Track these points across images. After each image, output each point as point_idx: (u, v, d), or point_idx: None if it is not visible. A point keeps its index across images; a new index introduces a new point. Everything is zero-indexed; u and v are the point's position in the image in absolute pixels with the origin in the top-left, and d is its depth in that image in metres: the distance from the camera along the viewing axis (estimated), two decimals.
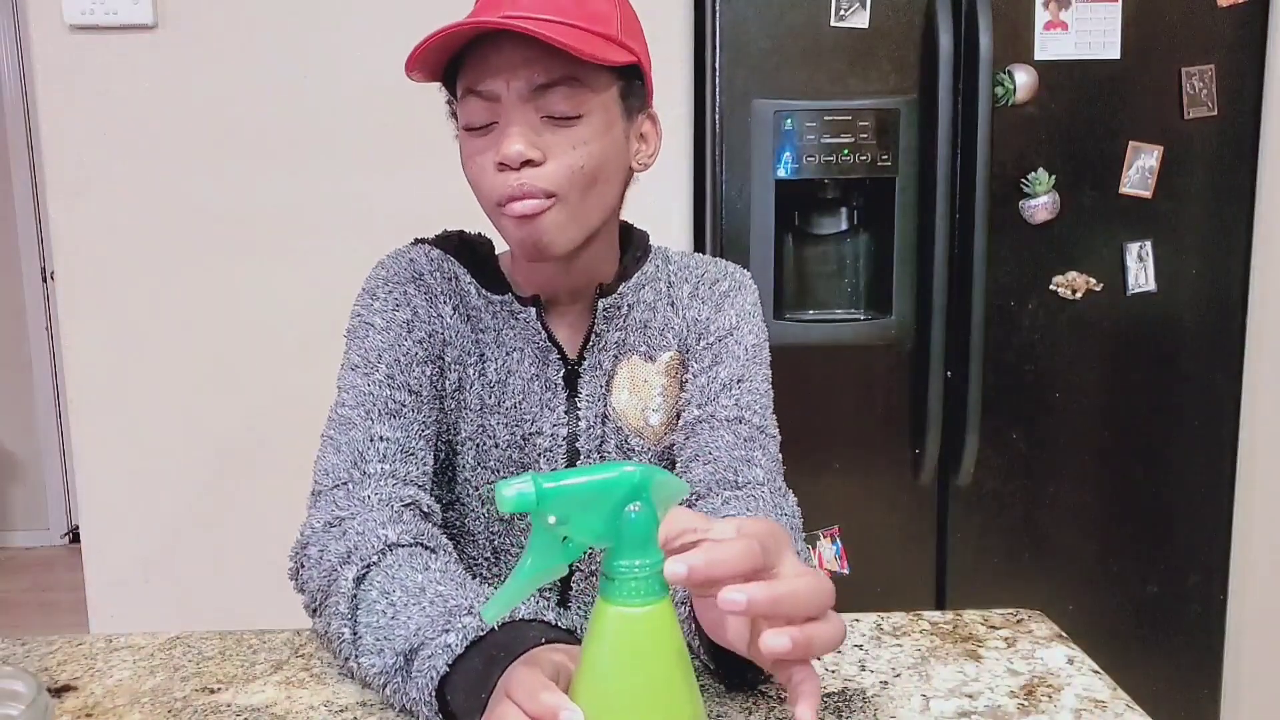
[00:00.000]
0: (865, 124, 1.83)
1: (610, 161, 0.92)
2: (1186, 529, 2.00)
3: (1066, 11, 1.83)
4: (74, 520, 3.98)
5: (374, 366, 0.95)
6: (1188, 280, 1.93)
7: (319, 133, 1.92)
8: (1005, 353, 1.91)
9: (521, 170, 0.87)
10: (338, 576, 0.81)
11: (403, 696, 0.74)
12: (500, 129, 0.88)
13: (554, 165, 0.88)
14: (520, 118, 0.88)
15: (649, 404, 1.00)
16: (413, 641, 0.73)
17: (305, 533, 0.88)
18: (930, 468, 1.91)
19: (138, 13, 1.85)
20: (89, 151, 1.90)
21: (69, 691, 0.81)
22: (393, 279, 0.99)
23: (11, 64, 3.85)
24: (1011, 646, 0.87)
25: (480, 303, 1.00)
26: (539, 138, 0.88)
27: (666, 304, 1.03)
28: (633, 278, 1.01)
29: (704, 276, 1.04)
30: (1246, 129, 1.91)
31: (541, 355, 0.99)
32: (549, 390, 0.99)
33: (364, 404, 0.93)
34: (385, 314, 0.97)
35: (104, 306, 1.93)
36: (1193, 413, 1.97)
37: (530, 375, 0.99)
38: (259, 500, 1.97)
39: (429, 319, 0.98)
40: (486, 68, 0.88)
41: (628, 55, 0.91)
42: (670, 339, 1.02)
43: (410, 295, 0.98)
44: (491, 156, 0.89)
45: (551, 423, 0.99)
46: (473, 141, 0.91)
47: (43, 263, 3.91)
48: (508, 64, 0.87)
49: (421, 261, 1.00)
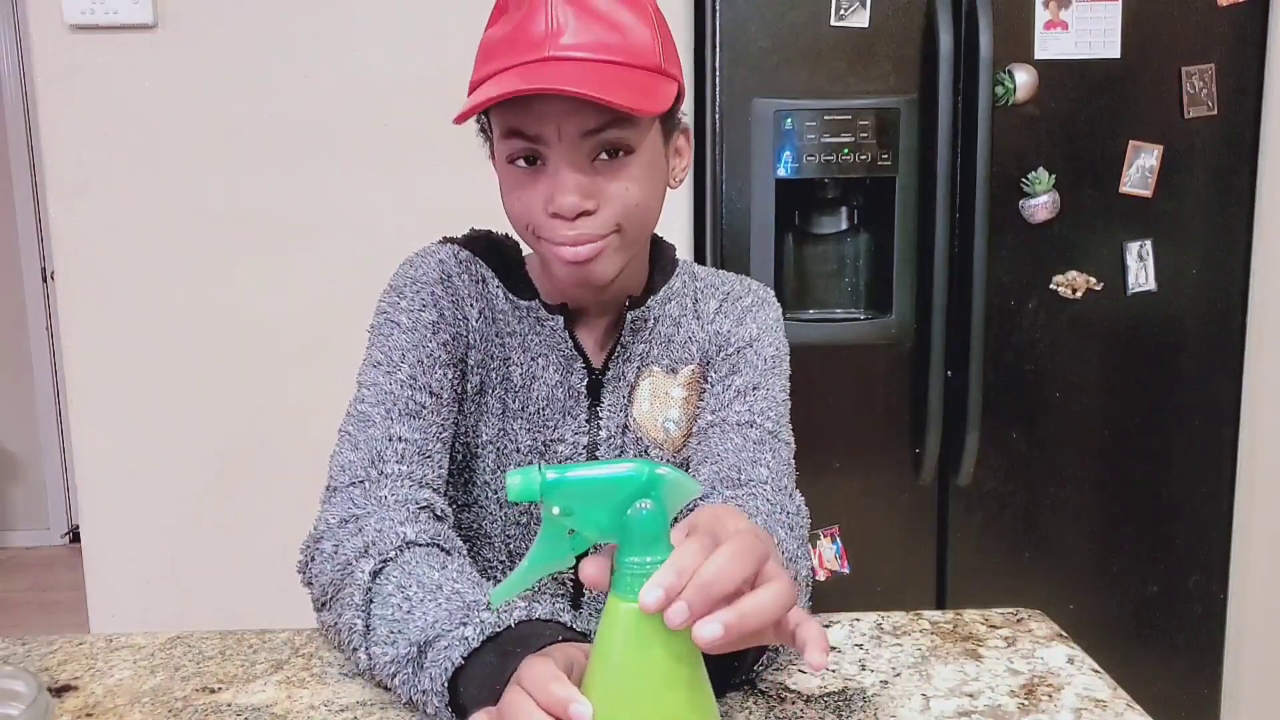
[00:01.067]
0: (865, 124, 1.83)
1: (656, 188, 0.93)
2: (1186, 529, 2.00)
3: (1066, 11, 1.83)
4: (74, 520, 3.97)
5: (396, 366, 0.94)
6: (1188, 280, 1.93)
7: (319, 133, 1.92)
8: (1005, 353, 1.91)
9: (577, 220, 0.87)
10: (353, 570, 0.81)
11: (412, 687, 0.73)
12: (551, 174, 0.87)
13: (608, 210, 0.88)
14: (571, 164, 0.86)
15: (668, 415, 1.01)
16: (428, 633, 0.73)
17: (319, 527, 0.88)
18: (930, 468, 1.91)
19: (138, 13, 1.85)
20: (89, 151, 1.90)
21: (69, 691, 0.81)
22: (421, 279, 0.98)
23: (11, 64, 3.85)
24: (1012, 646, 0.87)
25: (507, 307, 1.00)
26: (591, 184, 0.87)
27: (692, 318, 1.03)
28: (660, 291, 1.01)
29: (730, 293, 1.05)
30: (1246, 129, 1.91)
31: (566, 363, 0.99)
32: (572, 398, 0.99)
33: (384, 403, 0.93)
34: (411, 313, 0.96)
35: (104, 306, 1.93)
36: (1193, 413, 1.97)
37: (554, 382, 0.99)
38: (259, 500, 1.97)
39: (455, 321, 0.97)
40: (531, 112, 0.85)
41: (674, 85, 0.90)
42: (693, 352, 1.02)
43: (437, 296, 0.97)
44: (541, 197, 0.88)
45: (573, 431, 0.99)
46: (517, 176, 0.89)
47: (43, 263, 3.91)
48: (557, 110, 0.85)
49: (450, 263, 1.00)
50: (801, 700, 0.78)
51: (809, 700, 0.78)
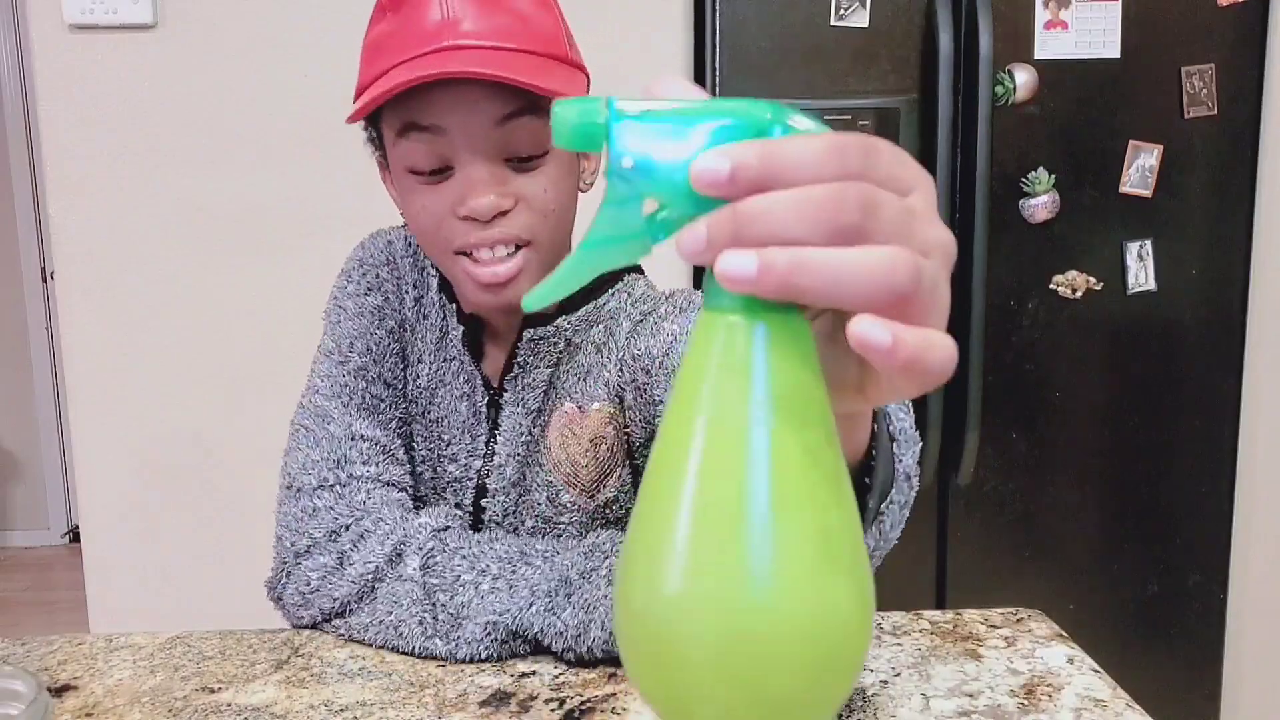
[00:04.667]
0: (865, 124, 1.83)
1: (571, 192, 0.85)
2: (1186, 529, 2.00)
3: (1066, 11, 1.83)
4: (74, 520, 3.97)
5: (346, 356, 0.92)
6: (1188, 280, 1.93)
7: (319, 133, 1.92)
8: (1005, 353, 1.91)
9: (492, 221, 0.79)
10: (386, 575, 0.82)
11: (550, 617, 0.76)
12: (461, 176, 0.79)
13: (525, 210, 0.80)
14: (483, 162, 0.78)
15: (578, 458, 0.88)
16: (568, 574, 0.76)
17: (298, 542, 0.86)
18: (930, 468, 1.91)
19: (138, 12, 1.85)
20: (89, 151, 1.90)
21: (69, 691, 0.81)
22: (367, 260, 0.96)
23: (11, 64, 3.86)
24: (1012, 646, 0.87)
25: (438, 300, 0.94)
26: (505, 184, 0.79)
27: (616, 345, 0.89)
28: (579, 311, 0.90)
29: (652, 311, 0.90)
30: (1246, 129, 1.91)
31: (469, 378, 0.92)
32: (473, 416, 0.92)
33: (340, 395, 0.91)
34: (357, 298, 0.94)
35: (104, 306, 1.93)
36: (1193, 413, 1.97)
37: (459, 394, 0.92)
38: (259, 500, 1.96)
39: (398, 307, 0.95)
40: (434, 101, 0.77)
41: (582, 77, 0.84)
42: (602, 390, 0.88)
43: (382, 279, 0.95)
44: (449, 201, 0.80)
45: (467, 451, 0.92)
46: (418, 187, 0.81)
47: (43, 263, 3.91)
48: (462, 100, 0.77)
49: (398, 244, 0.97)
50: None
51: None
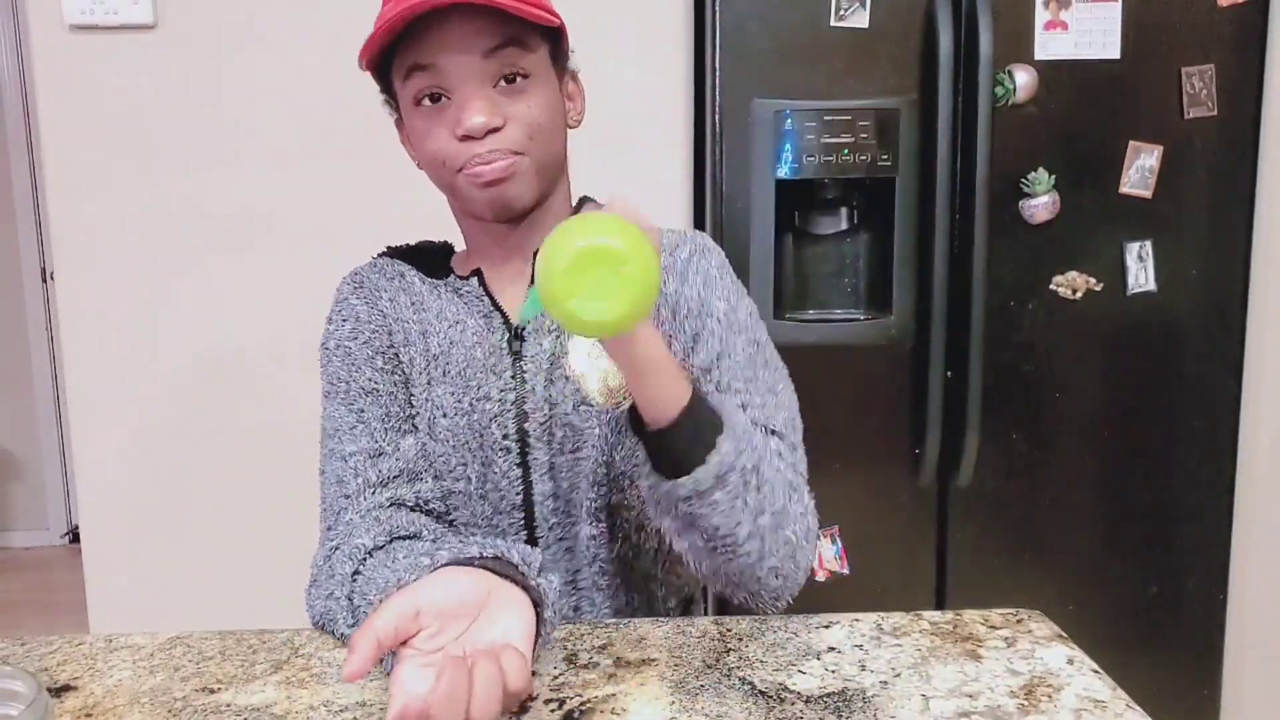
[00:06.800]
0: (865, 124, 1.83)
1: (557, 115, 0.96)
2: (1186, 529, 2.00)
3: (1066, 11, 1.83)
4: (74, 520, 3.97)
5: (335, 389, 1.01)
6: (1188, 280, 1.93)
7: (319, 133, 1.92)
8: (1005, 353, 1.91)
9: (486, 138, 0.91)
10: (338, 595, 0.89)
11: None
12: (457, 102, 0.91)
13: (515, 127, 0.92)
14: (475, 87, 0.90)
15: (604, 365, 0.97)
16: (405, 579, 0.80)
17: (312, 571, 0.96)
18: (930, 468, 1.91)
19: (138, 13, 1.85)
20: (89, 151, 1.90)
21: (69, 691, 0.81)
22: (340, 299, 1.06)
23: (11, 64, 3.85)
24: (1011, 646, 0.87)
25: (425, 288, 1.03)
26: (495, 103, 0.91)
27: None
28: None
29: (664, 244, 1.00)
30: (1246, 129, 1.91)
31: (486, 322, 1.00)
32: (494, 355, 0.99)
33: (336, 429, 1.00)
34: (336, 335, 1.03)
35: (104, 306, 1.93)
36: (1193, 413, 1.97)
37: (472, 343, 1.00)
38: (259, 500, 1.97)
39: (370, 318, 1.03)
40: (430, 42, 0.90)
41: (556, 18, 0.95)
42: None
43: (354, 305, 1.04)
44: (448, 127, 0.92)
45: (499, 388, 0.99)
46: (424, 117, 0.94)
47: (43, 263, 3.91)
48: (454, 36, 0.89)
49: (365, 271, 1.07)
50: (801, 701, 0.78)
51: (809, 701, 0.78)
